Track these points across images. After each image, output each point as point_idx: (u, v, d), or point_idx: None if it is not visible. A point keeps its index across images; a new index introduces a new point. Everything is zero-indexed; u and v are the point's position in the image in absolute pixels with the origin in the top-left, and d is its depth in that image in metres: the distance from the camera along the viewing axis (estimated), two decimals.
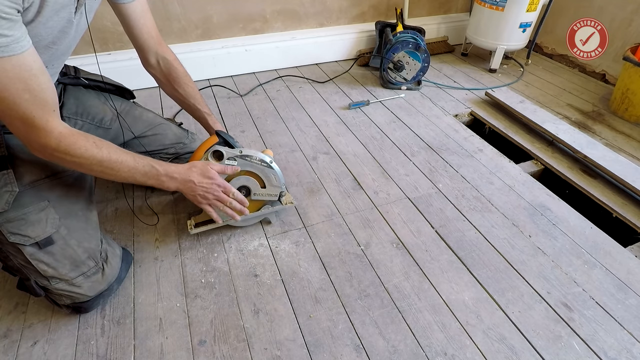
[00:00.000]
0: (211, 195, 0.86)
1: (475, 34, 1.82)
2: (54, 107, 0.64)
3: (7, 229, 0.69)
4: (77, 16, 0.68)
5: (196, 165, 0.84)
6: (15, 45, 0.54)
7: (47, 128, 0.63)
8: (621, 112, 1.49)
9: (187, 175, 0.82)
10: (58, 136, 0.64)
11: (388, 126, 1.45)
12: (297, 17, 1.83)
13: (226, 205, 0.89)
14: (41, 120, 0.62)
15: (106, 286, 0.82)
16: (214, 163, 0.87)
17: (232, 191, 0.89)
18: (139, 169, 0.76)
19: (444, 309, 0.84)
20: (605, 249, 0.97)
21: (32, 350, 0.77)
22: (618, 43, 1.67)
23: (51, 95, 0.63)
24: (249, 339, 0.79)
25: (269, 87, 1.72)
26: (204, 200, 0.86)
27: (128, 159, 0.74)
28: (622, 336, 0.79)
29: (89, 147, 0.68)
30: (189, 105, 1.01)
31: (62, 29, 0.66)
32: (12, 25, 0.53)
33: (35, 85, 0.59)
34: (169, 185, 0.81)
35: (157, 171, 0.78)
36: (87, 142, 0.68)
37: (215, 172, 0.86)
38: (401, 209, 1.09)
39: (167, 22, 1.62)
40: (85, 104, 0.93)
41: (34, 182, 0.73)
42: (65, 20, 0.65)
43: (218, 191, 0.86)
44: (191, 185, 0.83)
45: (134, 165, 0.75)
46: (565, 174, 1.21)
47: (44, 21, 0.60)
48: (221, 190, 0.87)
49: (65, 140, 0.65)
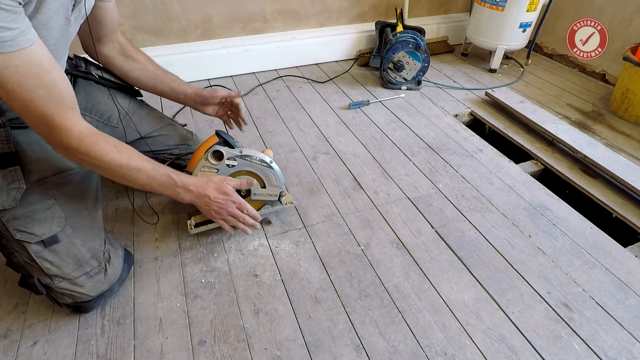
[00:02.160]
0: (225, 211, 0.86)
1: (475, 34, 1.82)
2: (71, 104, 0.62)
3: (13, 226, 0.69)
4: (73, 14, 0.67)
5: (213, 180, 0.84)
6: (22, 38, 0.52)
7: (66, 126, 0.61)
8: (621, 112, 1.49)
9: (204, 190, 0.81)
10: (78, 135, 0.63)
11: (388, 126, 1.45)
12: (297, 17, 1.83)
13: (239, 221, 0.89)
14: (59, 117, 0.60)
15: (108, 286, 0.82)
16: (230, 179, 0.87)
17: (246, 207, 0.88)
18: (157, 178, 0.75)
19: (444, 309, 0.84)
20: (605, 249, 0.97)
21: (32, 350, 0.77)
22: (618, 43, 1.67)
23: (67, 91, 0.61)
24: (249, 339, 0.79)
25: (269, 87, 1.72)
26: (218, 215, 0.86)
27: (148, 166, 0.73)
28: (622, 336, 0.79)
29: (109, 150, 0.67)
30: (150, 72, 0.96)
31: (61, 29, 0.65)
32: (16, 18, 0.51)
33: (49, 80, 0.57)
34: (184, 197, 0.80)
35: (174, 182, 0.77)
36: (107, 144, 0.67)
37: (232, 188, 0.85)
38: (401, 209, 1.09)
39: (167, 22, 1.62)
40: (95, 99, 0.92)
41: (41, 179, 0.72)
42: (63, 18, 0.64)
43: (233, 207, 0.86)
44: (206, 200, 0.82)
45: (153, 174, 0.74)
46: (565, 174, 1.21)
47: (44, 21, 0.59)
48: (236, 206, 0.86)
49: (86, 141, 0.63)
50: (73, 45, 0.93)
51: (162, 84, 0.98)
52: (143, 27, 1.60)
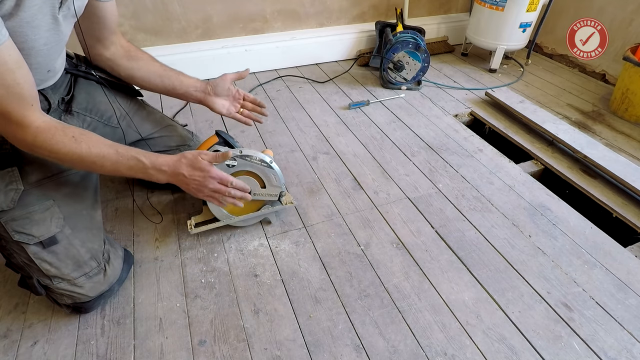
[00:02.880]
0: (207, 189, 0.81)
1: (475, 34, 1.82)
2: (32, 101, 0.63)
3: (11, 227, 0.69)
4: (61, 12, 0.66)
5: (186, 157, 0.78)
6: None
7: (23, 123, 0.62)
8: (621, 112, 1.49)
9: (177, 168, 0.77)
10: (35, 131, 0.63)
11: (388, 126, 1.45)
12: (297, 17, 1.83)
13: (225, 196, 0.84)
14: (17, 115, 0.61)
15: (107, 287, 0.82)
16: (205, 152, 0.80)
17: (229, 180, 0.82)
18: (123, 162, 0.72)
19: (444, 309, 0.84)
20: (605, 249, 0.97)
21: (32, 350, 0.77)
22: (618, 43, 1.67)
23: (29, 90, 0.62)
24: (249, 339, 0.79)
25: (269, 87, 1.72)
26: (200, 193, 0.82)
27: (110, 152, 0.70)
28: (622, 336, 0.79)
29: (67, 142, 0.66)
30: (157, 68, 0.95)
31: (50, 28, 0.65)
32: None
33: (11, 80, 0.58)
34: (159, 178, 0.77)
35: (144, 164, 0.74)
36: (65, 136, 0.66)
37: (207, 163, 0.79)
38: (401, 209, 1.09)
39: (167, 22, 1.62)
40: (96, 99, 0.91)
41: (39, 180, 0.73)
42: (49, 16, 0.64)
43: (214, 183, 0.80)
44: (182, 179, 0.78)
45: (117, 159, 0.71)
46: (565, 174, 1.21)
47: (28, 19, 0.59)
48: (217, 181, 0.81)
49: (42, 136, 0.64)
50: (73, 45, 0.93)
51: (169, 79, 0.96)
52: (143, 27, 1.60)
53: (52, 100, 0.79)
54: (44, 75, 0.74)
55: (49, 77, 0.77)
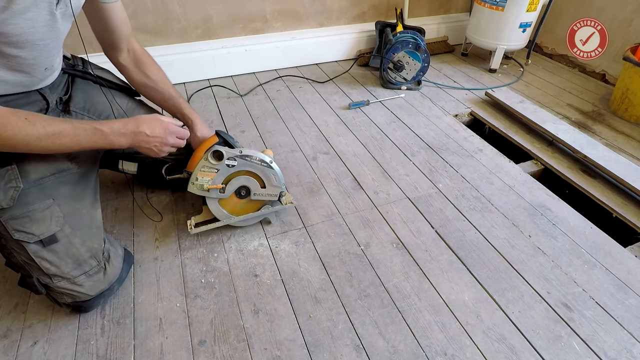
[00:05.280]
0: (166, 146, 0.84)
1: (475, 34, 1.82)
2: None
3: (11, 225, 0.69)
4: (59, 9, 0.66)
5: (143, 116, 0.81)
6: None
7: None
8: (621, 112, 1.49)
9: (137, 127, 0.78)
10: None
11: (388, 126, 1.45)
12: (297, 17, 1.83)
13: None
14: None
15: (107, 286, 0.82)
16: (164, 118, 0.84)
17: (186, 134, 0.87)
18: (81, 135, 0.71)
19: (444, 309, 0.84)
20: (605, 249, 0.97)
21: (32, 350, 0.77)
22: (618, 43, 1.67)
23: None
24: (249, 339, 0.79)
25: (269, 87, 1.72)
26: (161, 152, 0.84)
27: (67, 127, 0.69)
28: (622, 336, 0.79)
29: (21, 126, 0.64)
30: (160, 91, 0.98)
31: (46, 24, 0.65)
32: None
33: None
34: (120, 142, 0.77)
35: (103, 132, 0.73)
36: (18, 120, 0.63)
37: (165, 118, 0.83)
38: (401, 209, 1.09)
39: (167, 22, 1.62)
40: (93, 99, 0.92)
41: (39, 179, 0.73)
42: (46, 11, 0.64)
43: (173, 138, 0.84)
44: (144, 138, 0.79)
45: (75, 132, 0.70)
46: (565, 174, 1.21)
47: (20, 11, 0.59)
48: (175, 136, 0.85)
49: None
50: (73, 46, 0.93)
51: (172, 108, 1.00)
52: (143, 27, 1.60)
53: (50, 99, 0.79)
54: (42, 74, 0.74)
55: (47, 76, 0.77)
